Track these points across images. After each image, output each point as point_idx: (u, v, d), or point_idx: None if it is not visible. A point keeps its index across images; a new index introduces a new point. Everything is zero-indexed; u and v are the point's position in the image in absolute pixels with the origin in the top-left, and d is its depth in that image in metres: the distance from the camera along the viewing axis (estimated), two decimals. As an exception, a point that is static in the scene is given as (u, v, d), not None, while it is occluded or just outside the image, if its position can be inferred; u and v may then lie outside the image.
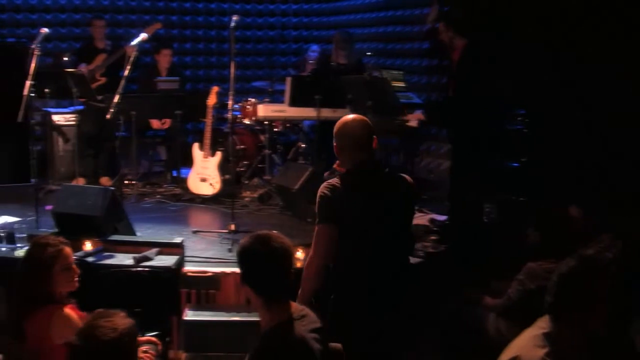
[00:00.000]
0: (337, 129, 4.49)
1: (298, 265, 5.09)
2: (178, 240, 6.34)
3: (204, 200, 8.67)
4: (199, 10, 12.37)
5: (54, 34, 10.71)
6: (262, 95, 10.20)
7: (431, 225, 7.26)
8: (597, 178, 6.34)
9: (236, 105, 9.04)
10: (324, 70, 9.69)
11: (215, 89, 8.84)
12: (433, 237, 6.94)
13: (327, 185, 4.39)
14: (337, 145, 4.49)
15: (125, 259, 5.96)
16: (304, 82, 9.05)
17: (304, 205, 7.30)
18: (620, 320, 4.27)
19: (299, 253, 5.75)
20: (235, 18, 7.54)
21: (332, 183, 4.40)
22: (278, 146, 9.45)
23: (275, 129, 9.48)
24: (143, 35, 8.08)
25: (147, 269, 5.82)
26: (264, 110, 9.05)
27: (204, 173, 8.69)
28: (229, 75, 7.61)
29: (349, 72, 8.90)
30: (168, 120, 9.60)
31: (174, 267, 5.88)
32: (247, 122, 9.48)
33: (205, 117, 8.78)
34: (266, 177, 9.03)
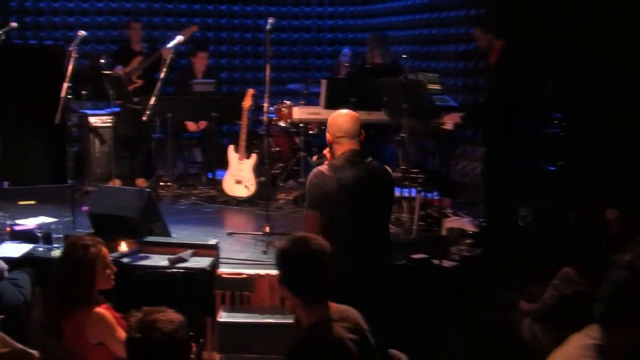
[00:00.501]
0: (330, 121, 5.00)
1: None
2: (213, 242, 6.32)
3: (239, 202, 8.68)
4: (235, 12, 12.39)
5: (91, 37, 10.80)
6: (297, 97, 10.22)
7: (466, 229, 7.22)
8: (635, 181, 6.28)
9: (271, 108, 9.04)
10: (359, 73, 9.66)
11: (251, 91, 8.86)
12: (468, 241, 6.93)
13: (316, 172, 4.92)
14: (329, 135, 4.99)
15: (160, 260, 5.95)
16: (340, 84, 9.00)
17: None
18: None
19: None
20: (271, 20, 7.54)
21: (321, 170, 4.91)
22: (313, 148, 9.43)
23: (311, 132, 9.46)
24: (179, 38, 8.12)
25: (182, 271, 5.81)
26: (299, 112, 9.02)
27: (239, 175, 8.70)
28: (265, 77, 7.62)
29: (384, 72, 8.83)
30: (203, 123, 9.60)
31: (208, 268, 5.87)
32: (283, 125, 9.48)
33: (241, 120, 8.79)
34: (301, 180, 9.00)
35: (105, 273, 4.47)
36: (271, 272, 5.84)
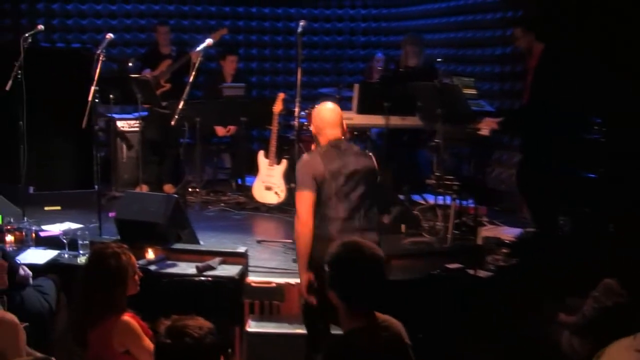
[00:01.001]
0: (314, 114, 5.41)
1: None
2: (242, 249, 6.35)
3: (269, 209, 8.65)
4: (266, 15, 12.30)
5: (119, 40, 10.78)
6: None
7: (503, 238, 7.15)
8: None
9: (303, 112, 8.91)
10: (393, 77, 9.54)
11: (282, 95, 8.79)
12: (505, 250, 6.85)
13: (304, 157, 5.30)
14: (315, 126, 5.37)
15: (188, 268, 5.99)
16: (373, 88, 8.95)
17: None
18: None
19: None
20: (302, 23, 7.45)
21: (307, 155, 5.31)
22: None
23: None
24: (208, 41, 8.00)
25: (209, 279, 5.84)
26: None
27: (269, 181, 8.64)
28: (296, 81, 7.56)
29: (419, 74, 8.73)
30: (233, 127, 9.58)
31: (237, 277, 5.89)
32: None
33: (271, 125, 8.75)
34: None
35: (134, 280, 4.51)
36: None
